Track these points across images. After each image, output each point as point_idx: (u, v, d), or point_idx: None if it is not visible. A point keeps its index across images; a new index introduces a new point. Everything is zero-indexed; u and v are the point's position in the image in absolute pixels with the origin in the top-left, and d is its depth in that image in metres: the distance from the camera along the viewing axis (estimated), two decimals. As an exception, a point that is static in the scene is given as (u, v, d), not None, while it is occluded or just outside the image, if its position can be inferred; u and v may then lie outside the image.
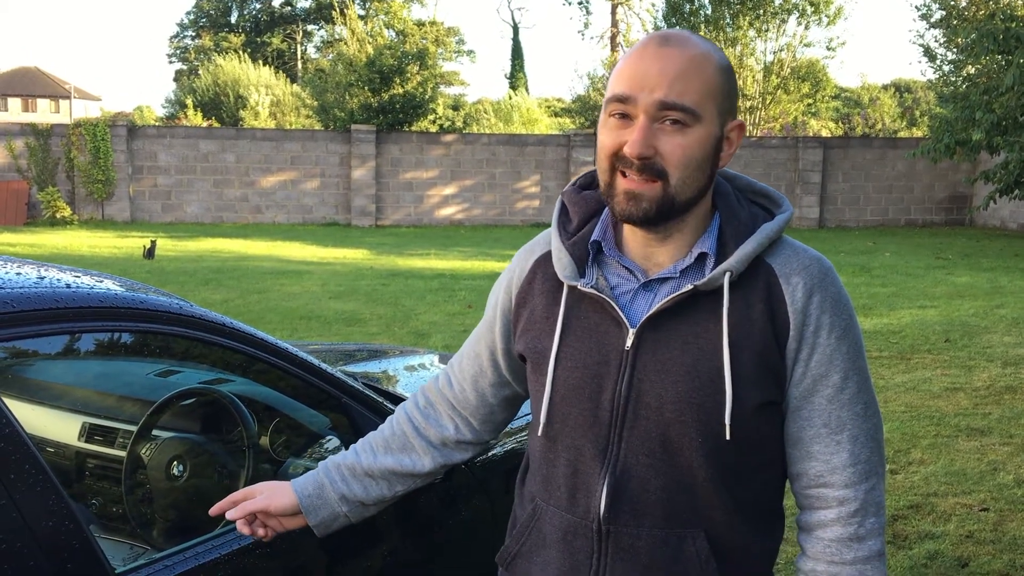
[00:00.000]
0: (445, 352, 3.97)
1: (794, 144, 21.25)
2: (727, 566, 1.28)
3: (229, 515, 1.56)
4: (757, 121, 25.08)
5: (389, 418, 1.62)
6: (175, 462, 2.20)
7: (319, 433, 2.24)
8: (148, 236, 15.49)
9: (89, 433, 2.49)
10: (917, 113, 30.12)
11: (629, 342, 1.26)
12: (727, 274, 1.24)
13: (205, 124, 25.76)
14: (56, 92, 64.10)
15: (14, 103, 62.20)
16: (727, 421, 1.21)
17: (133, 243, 15.25)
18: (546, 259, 1.40)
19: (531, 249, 1.44)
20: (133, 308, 1.76)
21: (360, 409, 2.16)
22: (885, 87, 49.81)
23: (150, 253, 13.48)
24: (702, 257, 1.29)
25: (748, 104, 24.97)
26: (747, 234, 1.28)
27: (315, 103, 24.53)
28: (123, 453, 2.29)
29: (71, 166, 19.65)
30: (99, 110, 54.62)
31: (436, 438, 1.56)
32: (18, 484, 1.42)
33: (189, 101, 32.28)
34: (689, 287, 1.24)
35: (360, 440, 1.62)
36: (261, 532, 1.58)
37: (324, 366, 2.11)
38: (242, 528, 1.58)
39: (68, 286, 1.72)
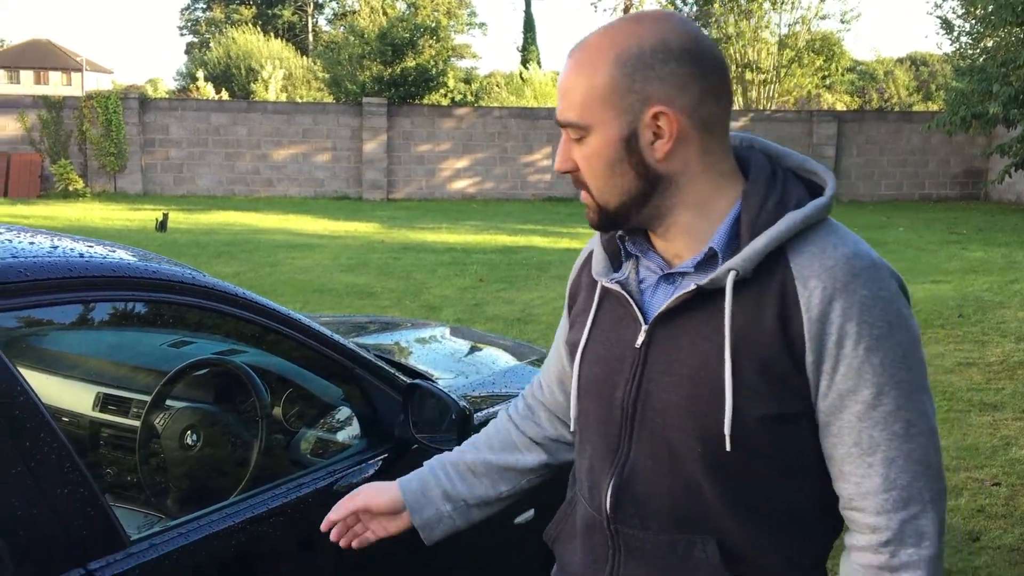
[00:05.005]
0: (456, 325, 3.98)
1: (808, 118, 21.08)
2: (747, 572, 1.21)
3: (330, 514, 1.51)
4: (771, 95, 24.87)
5: (492, 421, 1.59)
6: (189, 431, 2.21)
7: (331, 404, 2.24)
8: (160, 209, 15.52)
9: (103, 403, 2.50)
10: (933, 87, 29.80)
11: (641, 339, 1.22)
12: (731, 273, 1.14)
13: (216, 97, 25.72)
14: (68, 65, 64.08)
15: (26, 75, 62.23)
16: (727, 432, 1.14)
17: (145, 216, 15.28)
18: None
19: (589, 245, 1.42)
20: (146, 278, 1.76)
21: (372, 380, 2.16)
22: (900, 60, 49.31)
23: (162, 226, 13.51)
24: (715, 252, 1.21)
25: (762, 78, 24.74)
26: (768, 224, 1.16)
27: (326, 76, 24.44)
28: (137, 423, 2.30)
29: (83, 139, 19.67)
30: (111, 83, 54.62)
31: (537, 436, 1.52)
32: (33, 452, 1.43)
33: (200, 74, 32.21)
34: (694, 286, 1.17)
35: (464, 441, 1.58)
36: (356, 544, 1.52)
37: (336, 337, 2.11)
38: (335, 538, 1.51)
39: (81, 255, 1.72)
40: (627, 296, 1.25)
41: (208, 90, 27.40)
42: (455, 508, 1.49)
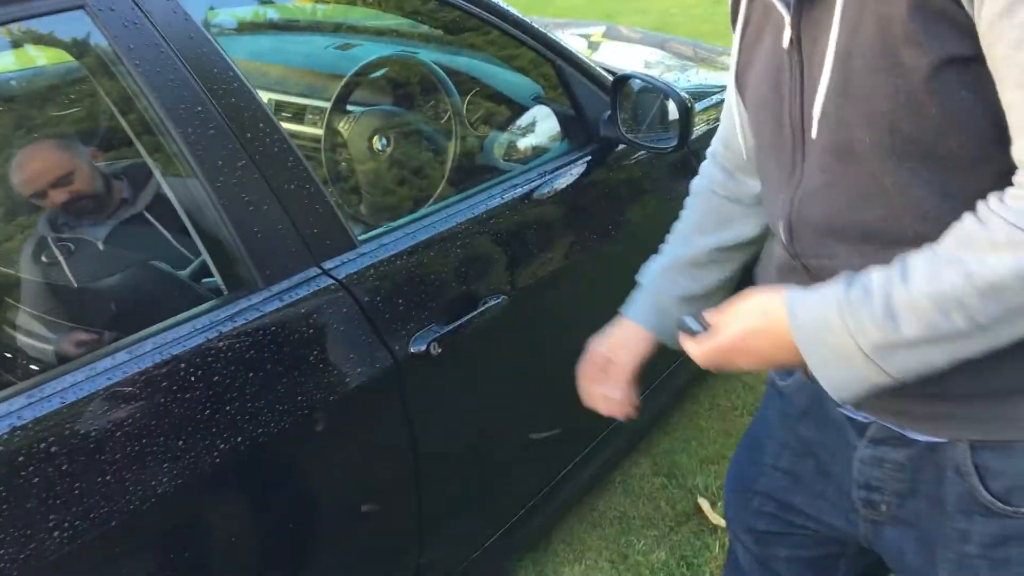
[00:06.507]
0: (609, 23, 3.65)
1: None
2: None
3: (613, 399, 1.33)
4: None
5: (687, 202, 1.38)
6: (376, 136, 2.09)
7: (527, 104, 2.06)
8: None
9: (275, 109, 2.39)
10: None
11: (787, 35, 0.99)
12: None
13: None
14: None
15: None
16: (899, 103, 0.89)
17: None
18: None
19: None
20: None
21: (574, 73, 1.95)
22: None
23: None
24: None
25: None
26: None
27: None
28: (319, 131, 2.19)
29: None
30: None
31: (748, 198, 1.33)
32: (258, 148, 1.31)
33: None
34: None
35: (668, 237, 1.38)
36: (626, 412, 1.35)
37: (536, 24, 1.88)
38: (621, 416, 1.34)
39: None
40: None
41: None
42: (692, 307, 1.31)
